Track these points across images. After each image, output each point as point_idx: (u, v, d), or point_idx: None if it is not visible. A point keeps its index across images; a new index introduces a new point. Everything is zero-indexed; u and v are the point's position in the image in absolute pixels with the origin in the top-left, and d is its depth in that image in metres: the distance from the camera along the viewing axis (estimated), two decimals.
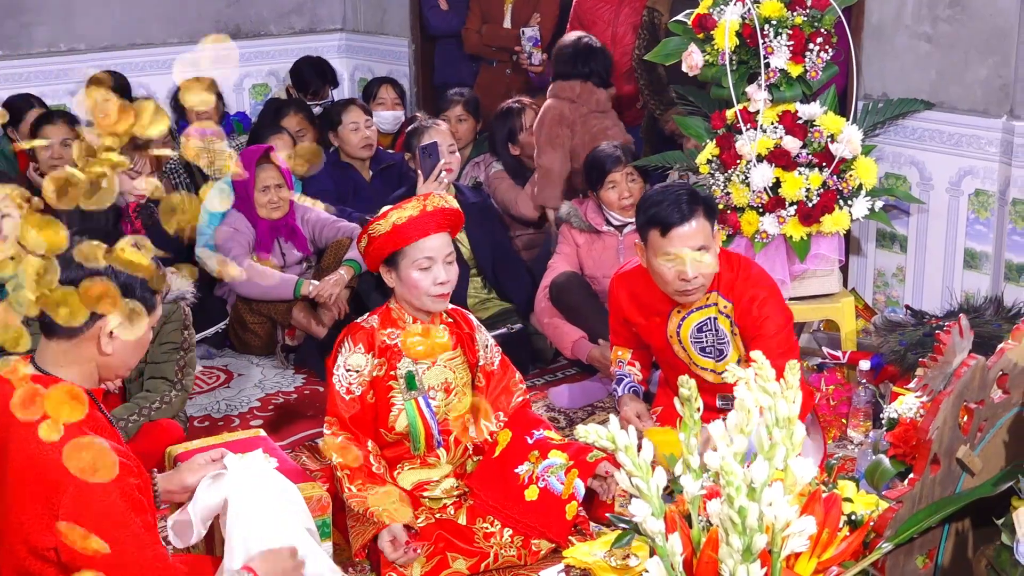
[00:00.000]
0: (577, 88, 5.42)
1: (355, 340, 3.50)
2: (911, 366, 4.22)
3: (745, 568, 1.85)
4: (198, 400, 4.85)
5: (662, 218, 3.60)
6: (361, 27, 7.51)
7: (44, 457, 2.35)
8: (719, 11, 4.45)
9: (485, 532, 3.51)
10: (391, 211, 3.44)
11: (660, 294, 3.79)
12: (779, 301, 3.79)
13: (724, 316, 3.78)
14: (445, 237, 3.50)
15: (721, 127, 4.53)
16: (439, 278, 3.45)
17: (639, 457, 1.94)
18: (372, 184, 5.90)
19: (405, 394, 3.50)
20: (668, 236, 3.60)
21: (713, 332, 3.80)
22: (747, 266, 3.83)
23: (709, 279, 3.69)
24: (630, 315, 3.94)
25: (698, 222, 3.60)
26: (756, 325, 3.70)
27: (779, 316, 3.73)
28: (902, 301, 5.00)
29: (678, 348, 3.87)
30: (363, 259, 3.58)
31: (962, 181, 4.77)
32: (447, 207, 3.49)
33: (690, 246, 3.59)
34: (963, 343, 2.42)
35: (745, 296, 3.73)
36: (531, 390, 4.80)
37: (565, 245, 4.99)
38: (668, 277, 3.66)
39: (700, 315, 3.80)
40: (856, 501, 2.33)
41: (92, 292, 1.45)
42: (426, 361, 3.54)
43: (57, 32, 6.58)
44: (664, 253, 3.63)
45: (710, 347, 3.82)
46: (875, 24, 4.92)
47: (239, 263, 5.13)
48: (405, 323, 3.53)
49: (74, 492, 2.33)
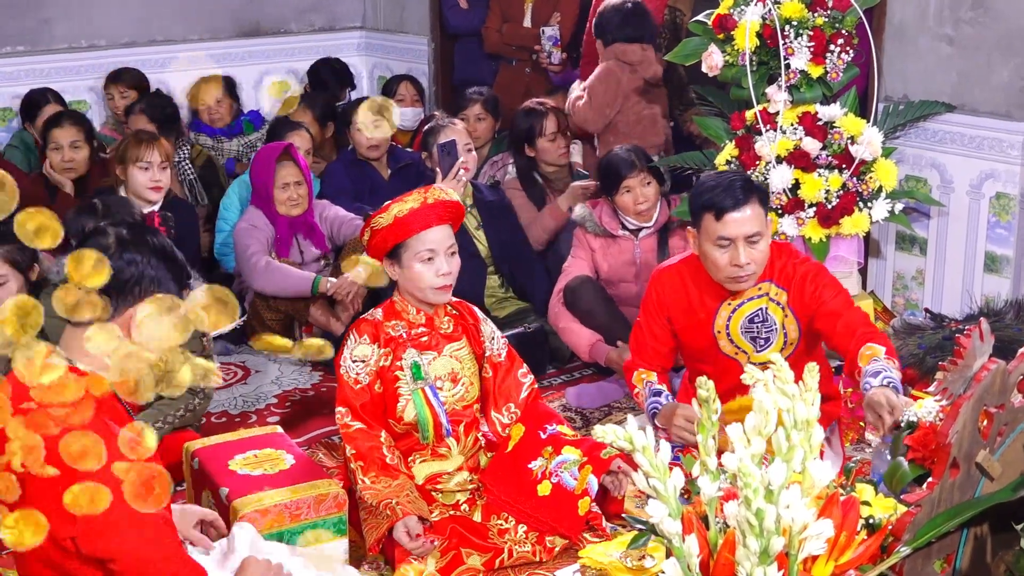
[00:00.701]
0: (638, 52, 5.38)
1: (360, 331, 3.55)
2: (930, 370, 4.20)
3: (762, 570, 1.84)
4: (215, 396, 4.86)
5: (716, 203, 3.58)
6: (381, 25, 7.51)
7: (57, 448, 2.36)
8: (739, 11, 4.44)
9: (499, 528, 3.52)
10: (392, 204, 3.48)
11: (709, 286, 3.75)
12: (829, 277, 3.77)
13: (776, 304, 3.74)
14: (447, 229, 3.53)
15: (740, 128, 4.52)
16: (441, 270, 3.49)
17: (656, 458, 1.93)
18: (390, 182, 5.90)
19: (411, 384, 3.53)
20: (722, 220, 3.58)
21: (765, 322, 3.77)
22: (792, 251, 3.81)
23: (761, 266, 3.66)
24: (673, 312, 3.84)
25: (752, 208, 3.58)
26: (814, 298, 3.68)
27: (833, 284, 3.73)
28: (921, 304, 4.98)
29: (725, 343, 3.79)
30: (366, 252, 3.62)
31: (983, 184, 4.75)
32: (448, 199, 3.52)
33: (744, 232, 3.57)
34: (983, 347, 2.41)
35: (796, 277, 3.71)
36: (548, 389, 4.81)
37: (580, 249, 4.96)
38: (720, 263, 3.63)
39: (752, 305, 3.75)
40: (874, 505, 2.32)
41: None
42: (431, 352, 3.56)
43: (77, 28, 6.60)
44: (718, 238, 3.61)
45: (760, 337, 3.78)
46: (897, 25, 4.90)
47: (258, 260, 5.14)
48: (408, 314, 3.57)
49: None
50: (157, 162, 5.12)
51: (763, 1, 4.39)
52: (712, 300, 3.78)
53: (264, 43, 7.20)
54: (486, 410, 3.67)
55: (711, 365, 3.77)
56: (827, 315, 3.65)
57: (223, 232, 5.61)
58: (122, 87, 6.32)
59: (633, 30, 5.40)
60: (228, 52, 7.07)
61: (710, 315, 3.79)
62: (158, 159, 5.12)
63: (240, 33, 7.14)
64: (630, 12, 5.43)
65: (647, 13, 5.47)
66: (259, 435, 3.65)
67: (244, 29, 7.15)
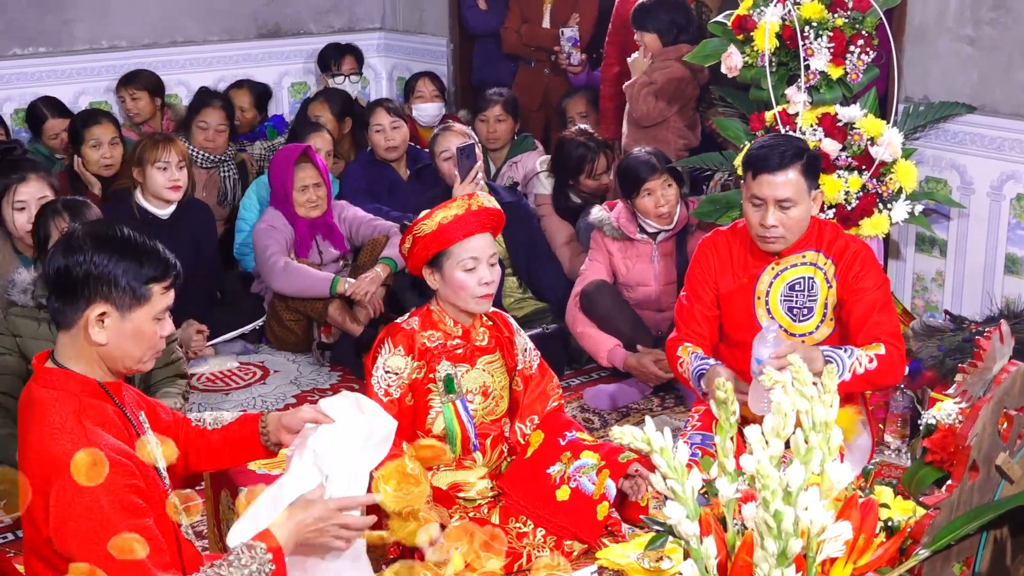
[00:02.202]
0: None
1: (395, 342, 3.47)
2: (950, 372, 4.18)
3: (780, 572, 1.84)
4: (234, 396, 4.88)
5: (757, 160, 3.61)
6: (400, 26, 7.52)
7: (44, 449, 2.37)
8: (759, 12, 4.43)
9: (518, 532, 3.51)
10: (436, 211, 3.42)
11: (756, 249, 3.75)
12: (876, 263, 3.76)
13: (822, 273, 3.72)
14: (488, 237, 3.49)
15: (760, 129, 4.51)
16: (484, 278, 3.43)
17: (674, 459, 1.93)
18: (409, 183, 5.92)
19: (443, 397, 3.49)
20: (757, 179, 3.61)
21: (806, 292, 3.75)
22: (841, 231, 3.81)
23: (794, 233, 3.66)
24: (719, 275, 3.82)
25: (792, 174, 3.59)
26: (857, 278, 3.67)
27: (877, 272, 3.71)
28: (941, 306, 4.96)
29: (762, 312, 3.77)
30: (406, 261, 3.56)
31: (1004, 185, 4.73)
32: (491, 207, 3.48)
33: (776, 195, 3.58)
34: (1003, 349, 2.39)
35: (848, 253, 3.70)
36: (567, 390, 4.81)
37: (597, 252, 4.94)
38: (752, 220, 3.66)
39: (796, 272, 3.74)
40: (893, 507, 2.31)
41: None
42: (464, 364, 3.53)
43: (98, 29, 6.63)
44: (751, 196, 3.63)
45: (797, 308, 3.76)
46: (917, 26, 4.88)
47: (276, 260, 5.16)
48: (445, 325, 3.52)
49: (58, 489, 2.34)
50: (175, 162, 5.14)
51: (783, 2, 4.38)
52: (757, 262, 3.77)
53: (283, 44, 7.23)
54: (511, 421, 3.64)
55: (747, 337, 3.65)
56: (858, 306, 3.65)
57: (243, 232, 5.64)
58: (133, 89, 6.34)
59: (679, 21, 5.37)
60: (248, 53, 7.10)
61: (753, 278, 3.77)
62: (176, 159, 5.14)
63: (260, 34, 7.16)
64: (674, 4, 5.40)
65: (686, 6, 5.47)
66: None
67: (264, 30, 7.18)
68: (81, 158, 5.60)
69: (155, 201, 5.17)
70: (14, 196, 4.39)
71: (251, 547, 2.46)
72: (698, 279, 3.85)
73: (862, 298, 3.65)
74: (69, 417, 2.39)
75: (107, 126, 5.67)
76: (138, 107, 6.33)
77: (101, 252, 2.43)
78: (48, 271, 2.48)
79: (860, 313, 3.63)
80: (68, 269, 2.42)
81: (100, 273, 2.42)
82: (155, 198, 5.16)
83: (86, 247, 2.43)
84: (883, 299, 3.68)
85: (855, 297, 3.66)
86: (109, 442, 2.41)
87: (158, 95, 6.43)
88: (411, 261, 3.50)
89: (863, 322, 3.61)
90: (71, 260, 2.42)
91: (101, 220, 2.51)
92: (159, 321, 2.52)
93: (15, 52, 6.43)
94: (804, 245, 3.72)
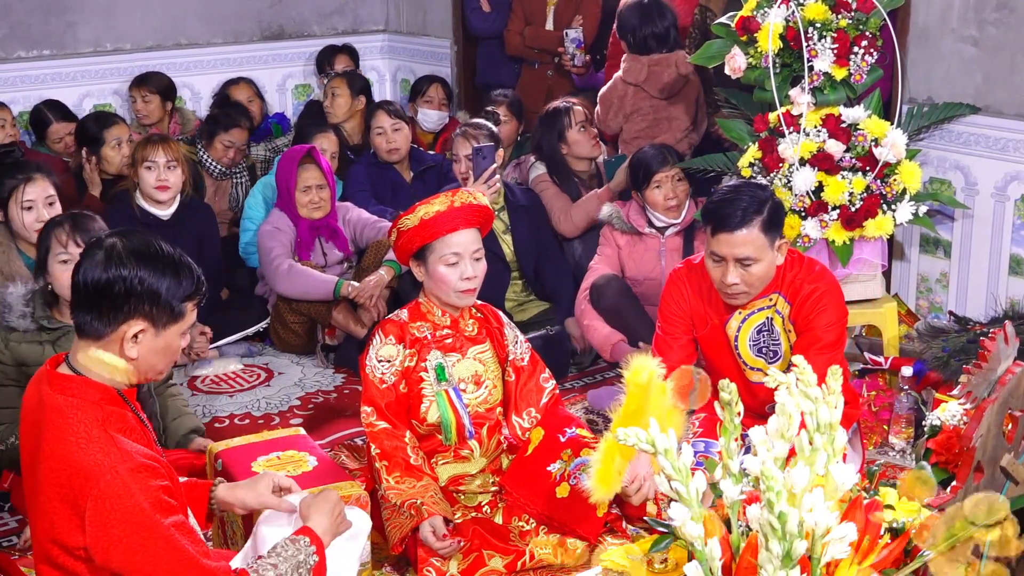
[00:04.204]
0: (644, 72, 5.40)
1: (386, 332, 3.57)
2: (954, 373, 4.18)
3: (785, 574, 1.84)
4: (238, 398, 4.88)
5: (715, 218, 3.58)
6: (403, 28, 7.53)
7: (71, 459, 2.37)
8: (763, 13, 4.43)
9: (521, 530, 3.53)
10: (419, 205, 3.50)
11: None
12: (836, 298, 3.71)
13: (779, 317, 3.74)
14: (473, 233, 3.53)
15: (764, 130, 4.51)
16: (466, 273, 3.50)
17: (679, 461, 1.93)
18: (412, 185, 5.92)
19: (435, 386, 3.54)
20: (716, 238, 3.59)
21: (769, 332, 3.77)
22: (811, 264, 3.77)
23: (755, 288, 3.65)
24: (693, 307, 3.81)
25: (750, 232, 3.54)
26: (807, 320, 3.66)
27: (832, 312, 3.66)
28: (946, 307, 4.96)
29: (741, 354, 3.82)
30: (393, 253, 3.63)
31: (1008, 186, 4.72)
32: (475, 203, 3.52)
33: (734, 254, 3.57)
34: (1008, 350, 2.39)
35: (803, 292, 3.69)
36: (570, 392, 4.81)
37: (606, 247, 4.98)
38: (713, 275, 3.67)
39: (760, 316, 3.76)
40: (898, 508, 2.31)
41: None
42: (455, 354, 3.57)
43: (102, 32, 6.64)
44: (710, 252, 3.63)
45: (766, 349, 3.79)
46: (921, 27, 4.88)
47: (280, 263, 5.16)
48: (433, 316, 3.58)
49: (97, 496, 2.34)
50: (163, 162, 5.12)
51: (786, 3, 4.38)
52: (726, 306, 3.78)
53: (287, 46, 7.23)
54: (507, 414, 3.68)
55: (724, 373, 3.70)
56: (798, 347, 3.63)
57: (248, 232, 5.64)
58: (145, 91, 6.36)
59: (652, 28, 5.40)
60: (252, 56, 7.10)
61: (723, 320, 3.80)
62: (163, 159, 5.12)
63: (264, 37, 7.17)
64: (648, 9, 5.43)
65: (666, 9, 5.46)
66: (282, 437, 3.66)
67: (268, 33, 7.18)
68: (99, 159, 5.63)
69: (152, 202, 5.16)
70: (22, 196, 4.39)
71: (295, 540, 2.57)
72: (671, 310, 3.86)
73: (805, 338, 3.66)
74: (94, 427, 2.40)
75: (123, 126, 5.76)
76: (148, 109, 6.36)
77: (144, 269, 2.44)
78: (82, 282, 2.46)
79: (800, 352, 3.57)
80: (110, 284, 2.42)
81: (144, 291, 2.43)
82: (148, 199, 5.16)
83: (130, 263, 2.43)
84: (828, 340, 3.63)
85: (801, 338, 3.67)
86: (135, 448, 2.43)
87: (169, 99, 6.46)
88: (397, 253, 3.61)
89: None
90: (113, 274, 2.42)
91: (137, 233, 2.52)
92: (184, 335, 2.55)
93: (20, 55, 6.43)
94: (770, 289, 3.72)
